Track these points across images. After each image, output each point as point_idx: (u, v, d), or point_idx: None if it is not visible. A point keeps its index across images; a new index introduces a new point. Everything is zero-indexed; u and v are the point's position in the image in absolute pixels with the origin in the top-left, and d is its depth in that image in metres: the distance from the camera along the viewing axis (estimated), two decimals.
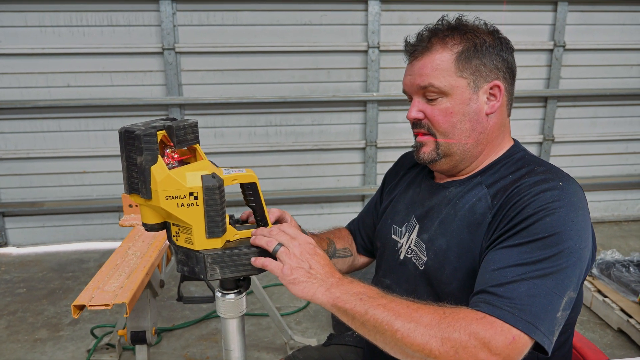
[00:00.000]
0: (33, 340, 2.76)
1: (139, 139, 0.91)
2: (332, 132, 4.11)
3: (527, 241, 0.97)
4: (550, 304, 0.93)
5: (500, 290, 0.93)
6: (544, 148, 4.36)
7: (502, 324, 0.89)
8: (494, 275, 0.97)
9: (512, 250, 0.98)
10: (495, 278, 0.96)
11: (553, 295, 0.93)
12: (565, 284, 0.95)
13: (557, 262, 0.95)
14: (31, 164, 3.88)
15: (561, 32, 4.07)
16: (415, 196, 1.30)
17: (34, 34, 3.64)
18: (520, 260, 0.96)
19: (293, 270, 0.99)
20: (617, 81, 4.29)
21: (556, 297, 0.93)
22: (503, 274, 0.96)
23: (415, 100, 1.18)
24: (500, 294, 0.93)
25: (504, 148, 1.20)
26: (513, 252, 0.98)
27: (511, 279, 0.94)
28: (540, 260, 0.95)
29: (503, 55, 1.15)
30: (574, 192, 1.03)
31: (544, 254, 0.96)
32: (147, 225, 1.01)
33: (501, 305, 0.91)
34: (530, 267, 0.95)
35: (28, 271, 3.62)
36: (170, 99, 3.82)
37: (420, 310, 0.93)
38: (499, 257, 0.99)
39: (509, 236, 1.01)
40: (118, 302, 1.62)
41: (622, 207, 4.64)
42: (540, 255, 0.95)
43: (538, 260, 0.95)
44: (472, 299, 0.97)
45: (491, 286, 0.95)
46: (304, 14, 3.85)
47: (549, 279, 0.94)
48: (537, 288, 0.93)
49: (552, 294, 0.93)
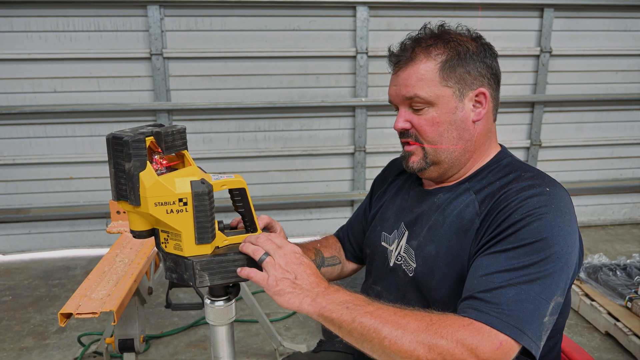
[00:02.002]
0: (19, 348, 2.73)
1: (127, 145, 0.90)
2: (321, 137, 4.11)
3: (514, 247, 0.98)
4: (537, 309, 0.93)
5: (488, 296, 0.94)
6: (531, 153, 4.39)
7: (489, 330, 0.90)
8: (481, 281, 0.97)
9: (500, 255, 0.99)
10: (482, 284, 0.96)
11: (540, 300, 0.94)
12: (552, 289, 0.96)
13: (544, 267, 0.96)
14: (17, 170, 3.84)
15: (547, 38, 4.11)
16: (404, 203, 1.30)
17: (20, 39, 3.61)
18: (507, 265, 0.97)
19: (278, 282, 0.98)
20: (603, 87, 4.34)
21: (543, 302, 0.94)
22: (490, 279, 0.96)
23: (401, 111, 1.18)
24: (487, 299, 0.93)
25: (490, 154, 1.21)
26: (500, 258, 0.98)
27: (498, 284, 0.95)
28: (527, 265, 0.96)
29: (487, 62, 1.16)
30: (560, 198, 1.04)
31: (531, 260, 0.96)
32: (135, 232, 1.00)
33: (488, 311, 0.92)
34: (517, 273, 0.95)
35: (14, 279, 3.57)
36: (158, 105, 3.80)
37: (408, 317, 0.93)
38: (487, 262, 1.00)
39: (497, 242, 1.01)
40: (106, 309, 1.60)
41: (609, 211, 4.69)
42: (528, 261, 0.96)
43: (525, 266, 0.96)
44: (460, 305, 0.98)
45: (479, 292, 0.95)
46: (292, 20, 3.85)
47: (536, 284, 0.94)
48: (524, 293, 0.93)
49: (539, 299, 0.94)
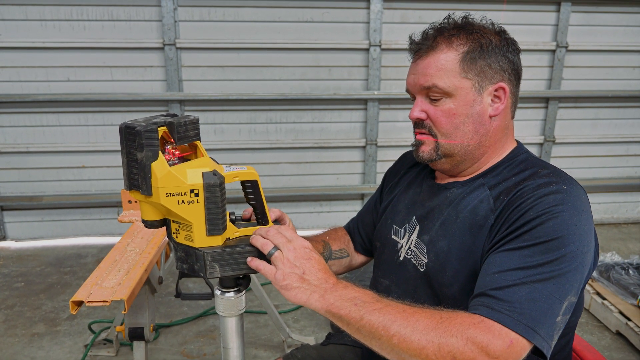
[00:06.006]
0: (30, 334, 2.76)
1: (139, 135, 0.90)
2: (333, 130, 4.10)
3: (529, 245, 0.96)
4: (550, 308, 0.92)
5: (500, 294, 0.92)
6: (544, 149, 4.35)
7: (500, 328, 0.89)
8: (494, 278, 0.96)
9: (514, 253, 0.97)
10: (495, 281, 0.95)
11: (553, 299, 0.92)
12: (566, 289, 0.94)
13: (559, 266, 0.94)
14: (30, 158, 3.87)
15: (564, 32, 4.06)
16: (415, 196, 1.28)
17: (35, 27, 3.62)
18: (521, 263, 0.95)
19: (285, 276, 0.97)
20: (619, 83, 4.28)
21: (556, 302, 0.93)
22: (503, 277, 0.95)
23: (418, 100, 1.16)
24: (499, 297, 0.92)
25: (506, 150, 1.19)
26: (514, 255, 0.97)
27: (511, 282, 0.93)
28: (541, 264, 0.94)
29: (509, 57, 1.14)
30: (577, 196, 1.02)
31: (545, 258, 0.95)
32: (146, 222, 1.00)
33: (500, 309, 0.91)
34: (531, 271, 0.94)
35: (26, 265, 3.61)
36: (170, 95, 3.81)
37: (417, 315, 0.92)
38: (500, 259, 0.98)
39: (511, 239, 0.99)
40: (117, 298, 1.60)
41: (622, 209, 4.64)
42: (542, 259, 0.95)
43: (539, 264, 0.94)
44: (471, 302, 0.97)
45: (491, 289, 0.94)
46: (305, 11, 3.83)
47: (550, 283, 0.93)
48: (538, 292, 0.92)
49: (552, 298, 0.92)
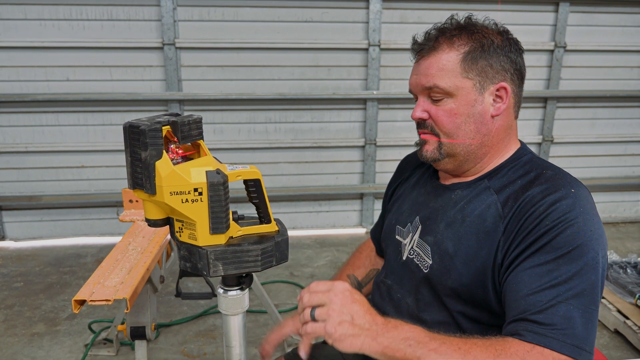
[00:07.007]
0: (30, 334, 2.76)
1: (144, 134, 0.90)
2: (332, 129, 4.11)
3: (552, 258, 0.97)
4: (590, 321, 0.94)
5: (541, 317, 0.94)
6: (543, 149, 4.36)
7: (550, 353, 0.91)
8: (529, 301, 0.96)
9: (540, 269, 0.98)
10: (532, 304, 0.96)
11: (590, 311, 0.95)
12: (597, 296, 0.97)
13: (586, 276, 0.96)
14: (29, 157, 3.87)
15: (562, 33, 4.07)
16: (419, 197, 1.29)
17: (34, 27, 3.62)
18: (550, 281, 0.96)
19: (336, 327, 0.94)
20: (617, 83, 4.29)
21: (593, 312, 0.95)
22: (538, 298, 0.95)
23: (420, 100, 1.17)
24: (541, 321, 0.93)
25: (510, 150, 1.19)
26: (541, 272, 0.97)
27: (548, 304, 0.94)
28: (570, 277, 0.95)
29: (511, 57, 1.13)
30: (585, 199, 1.03)
31: (571, 270, 0.96)
32: (150, 221, 1.00)
33: (545, 333, 0.92)
34: (562, 288, 0.95)
35: (25, 265, 3.61)
36: (169, 95, 3.81)
37: (473, 351, 0.92)
38: (529, 279, 0.98)
39: (531, 253, 1.00)
40: (119, 297, 1.61)
41: (620, 208, 4.65)
42: (569, 272, 0.96)
43: (568, 278, 0.95)
44: (512, 326, 0.97)
45: (532, 313, 0.95)
46: (305, 11, 3.84)
47: (583, 297, 0.95)
48: (575, 309, 0.94)
49: (588, 310, 0.94)
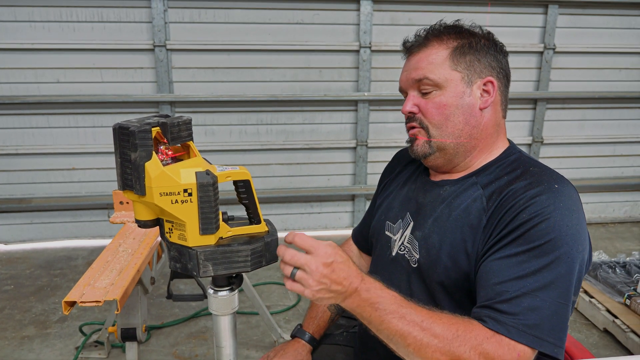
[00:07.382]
0: (20, 337, 2.74)
1: (133, 135, 0.91)
2: (323, 131, 4.12)
3: (524, 250, 0.98)
4: (556, 313, 0.95)
5: (505, 307, 0.95)
6: (532, 150, 4.39)
7: (508, 341, 0.92)
8: (496, 290, 0.98)
9: (510, 260, 0.99)
10: (498, 293, 0.97)
11: (558, 304, 0.95)
12: (569, 290, 0.97)
13: (556, 269, 0.96)
14: (19, 160, 3.85)
15: (551, 34, 4.10)
16: (410, 193, 1.30)
17: (23, 28, 3.61)
18: (519, 272, 0.97)
19: (314, 294, 0.95)
20: (606, 84, 4.33)
21: (562, 306, 0.96)
22: (505, 288, 0.97)
23: (410, 95, 1.20)
24: (505, 310, 0.95)
25: (499, 149, 1.21)
26: (511, 263, 0.99)
27: (514, 293, 0.96)
28: (539, 269, 0.96)
29: (497, 57, 1.19)
30: (568, 195, 1.03)
31: (541, 263, 0.97)
32: (140, 222, 1.00)
33: (506, 322, 0.94)
34: (530, 279, 0.96)
35: (15, 268, 3.58)
36: (160, 96, 3.80)
37: (435, 325, 0.94)
38: (498, 268, 1.00)
39: (506, 244, 1.01)
40: (109, 298, 1.61)
41: (609, 209, 4.69)
42: (538, 264, 0.97)
43: (537, 270, 0.96)
44: (477, 311, 0.99)
45: (496, 302, 0.96)
46: (296, 13, 3.84)
47: (551, 290, 0.95)
48: (540, 300, 0.95)
49: (556, 304, 0.95)
